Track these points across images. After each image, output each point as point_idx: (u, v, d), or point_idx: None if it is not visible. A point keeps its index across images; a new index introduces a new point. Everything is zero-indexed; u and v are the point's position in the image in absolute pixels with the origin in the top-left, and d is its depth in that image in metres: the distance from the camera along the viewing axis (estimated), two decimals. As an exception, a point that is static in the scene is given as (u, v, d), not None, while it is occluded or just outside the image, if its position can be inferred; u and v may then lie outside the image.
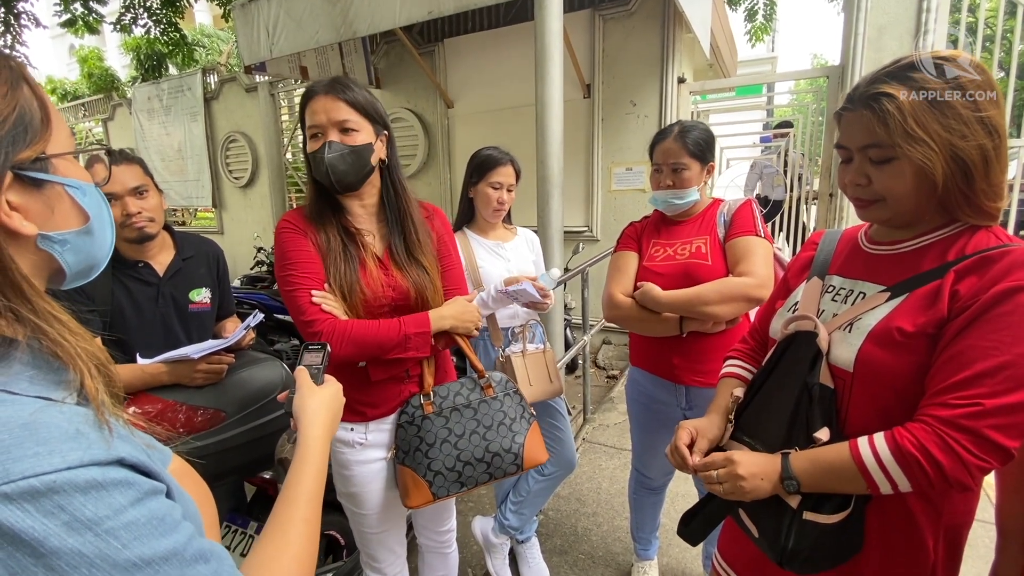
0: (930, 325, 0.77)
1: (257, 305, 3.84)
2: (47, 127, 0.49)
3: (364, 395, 1.24)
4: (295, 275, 1.16)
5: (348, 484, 1.29)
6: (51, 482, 0.38)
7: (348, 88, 1.15)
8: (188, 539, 0.45)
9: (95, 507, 0.39)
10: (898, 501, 0.82)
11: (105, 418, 0.44)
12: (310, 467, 0.69)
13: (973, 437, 0.70)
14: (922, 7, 3.42)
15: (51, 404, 0.43)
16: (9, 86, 0.46)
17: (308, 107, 1.16)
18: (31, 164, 0.47)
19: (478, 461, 1.21)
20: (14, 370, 0.44)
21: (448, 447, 1.20)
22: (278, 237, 1.20)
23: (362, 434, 1.26)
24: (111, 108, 8.11)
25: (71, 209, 0.51)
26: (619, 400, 3.58)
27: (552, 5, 2.20)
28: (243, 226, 6.89)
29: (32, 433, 0.39)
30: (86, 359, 0.47)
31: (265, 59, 3.53)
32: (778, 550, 0.84)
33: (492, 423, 1.25)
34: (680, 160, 1.52)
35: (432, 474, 1.18)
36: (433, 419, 1.22)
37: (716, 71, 6.92)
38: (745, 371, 1.11)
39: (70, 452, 0.40)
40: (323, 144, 1.13)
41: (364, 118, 1.17)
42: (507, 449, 1.24)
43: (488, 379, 1.30)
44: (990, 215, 0.80)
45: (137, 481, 0.43)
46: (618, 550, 2.17)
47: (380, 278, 1.21)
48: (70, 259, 0.51)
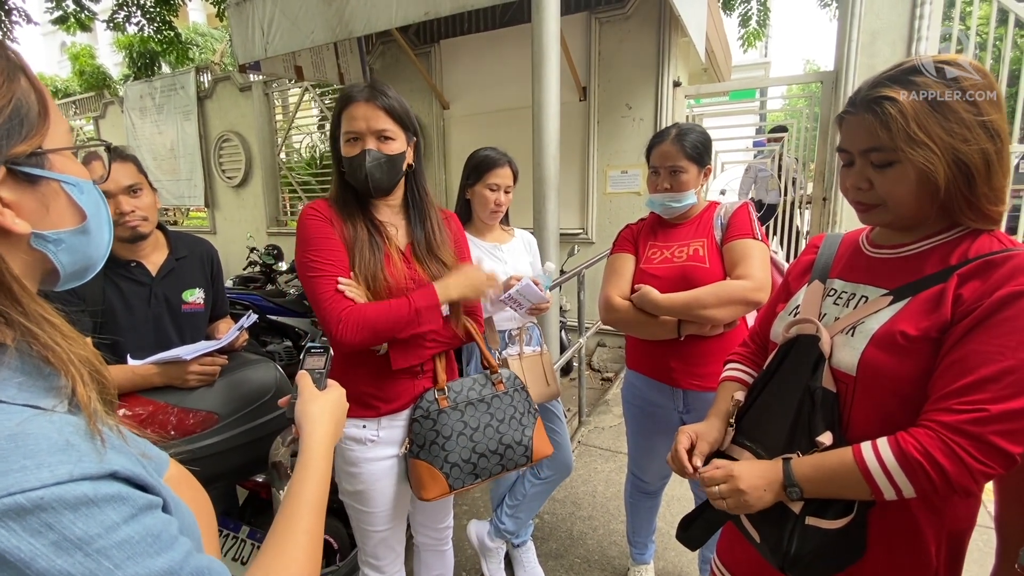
0: (933, 329, 0.76)
1: (250, 306, 3.80)
2: (44, 121, 0.47)
3: (378, 389, 1.26)
4: (319, 261, 1.18)
5: (355, 482, 1.29)
6: (38, 499, 0.36)
7: (386, 95, 1.20)
8: (185, 556, 0.42)
9: (85, 525, 0.37)
10: (901, 507, 0.81)
11: (98, 428, 0.42)
12: (313, 474, 0.67)
13: (978, 443, 0.69)
14: (915, 14, 3.45)
15: (40, 413, 0.41)
16: (5, 77, 0.44)
17: (347, 112, 1.19)
18: (26, 159, 0.45)
19: (492, 453, 1.27)
20: (2, 376, 0.41)
21: (464, 440, 1.24)
22: (304, 223, 1.22)
23: (374, 431, 1.27)
24: (103, 106, 8.04)
25: (67, 207, 0.49)
26: (614, 403, 3.58)
27: (549, 7, 2.20)
28: (236, 226, 6.84)
29: (19, 445, 0.37)
30: (79, 365, 0.45)
31: (260, 58, 3.50)
32: (780, 555, 0.83)
33: (504, 417, 1.31)
34: (678, 163, 1.52)
35: (449, 466, 1.22)
36: (449, 413, 1.25)
37: (711, 75, 6.96)
38: (746, 375, 1.10)
39: (59, 466, 0.38)
40: (362, 151, 1.18)
41: (399, 126, 1.22)
42: (518, 442, 1.30)
43: (500, 375, 1.35)
44: (992, 219, 0.79)
45: (131, 496, 0.41)
46: (614, 554, 2.16)
47: (403, 270, 1.25)
48: (65, 259, 0.49)
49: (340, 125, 1.22)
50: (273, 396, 1.47)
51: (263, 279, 4.80)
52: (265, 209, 6.53)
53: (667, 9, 3.88)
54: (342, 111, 1.21)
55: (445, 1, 2.57)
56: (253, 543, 1.62)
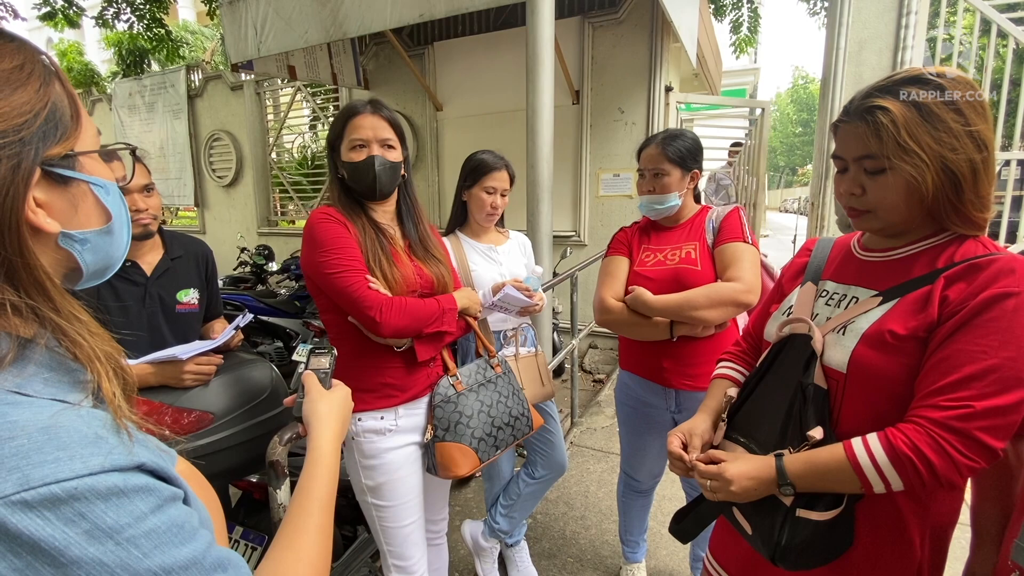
0: (921, 329, 0.79)
1: (241, 306, 3.77)
2: (77, 124, 0.48)
3: (396, 379, 1.33)
4: (342, 259, 1.23)
5: (376, 475, 1.32)
6: (72, 489, 0.37)
7: (387, 109, 1.33)
8: (207, 547, 0.44)
9: (116, 515, 0.38)
10: (887, 500, 0.84)
11: (123, 422, 0.43)
12: (323, 471, 0.68)
13: (963, 438, 0.72)
14: (901, 23, 3.53)
15: (69, 407, 0.42)
16: (42, 81, 0.46)
17: (353, 122, 1.29)
18: (60, 161, 0.46)
19: (506, 425, 1.43)
20: (28, 371, 0.42)
21: (484, 416, 1.38)
22: (316, 227, 1.27)
23: (392, 420, 1.34)
24: (90, 103, 7.94)
25: (94, 208, 0.51)
26: (606, 404, 3.61)
27: (543, 11, 2.22)
28: (226, 226, 6.79)
29: (52, 437, 0.38)
30: (105, 361, 0.46)
31: (252, 58, 3.49)
32: (771, 546, 0.86)
33: (508, 393, 1.47)
34: (660, 166, 1.56)
35: (476, 441, 1.35)
36: (467, 395, 1.38)
37: (702, 81, 7.03)
38: (738, 373, 1.13)
39: (91, 457, 0.39)
40: (370, 156, 1.27)
41: (398, 138, 1.33)
42: (522, 413, 1.48)
43: (496, 359, 1.50)
44: (978, 225, 0.83)
45: (157, 487, 0.42)
46: (606, 553, 2.18)
47: (411, 266, 1.35)
48: (89, 259, 0.50)
49: (343, 135, 1.30)
50: (269, 395, 1.47)
51: (254, 279, 4.77)
52: (256, 209, 6.49)
53: (659, 15, 3.93)
54: (347, 122, 1.30)
55: (440, 3, 2.58)
56: (247, 544, 1.62)
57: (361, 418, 1.31)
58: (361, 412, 1.31)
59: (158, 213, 1.52)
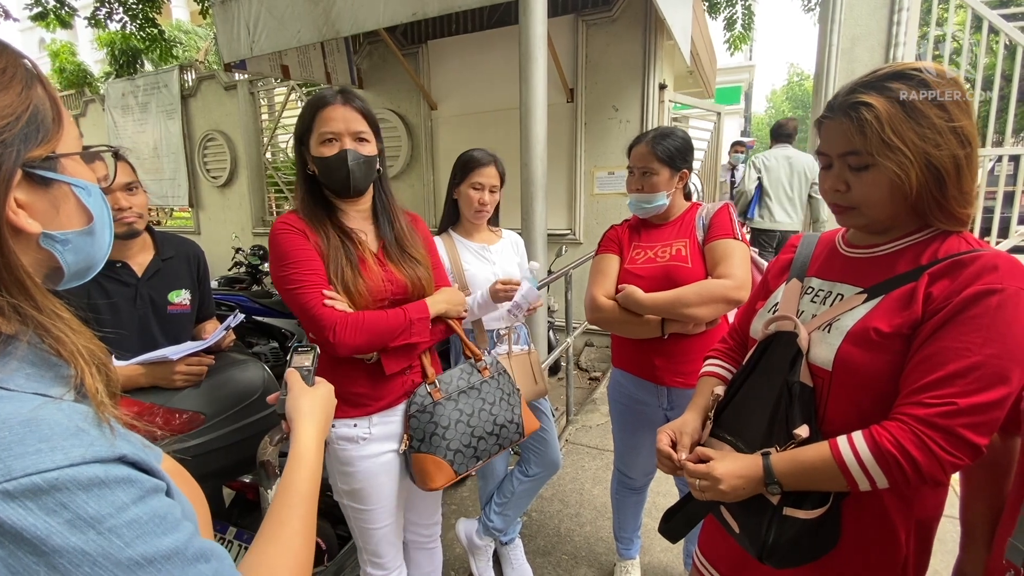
0: (905, 326, 0.79)
1: (235, 306, 3.76)
2: (59, 126, 0.49)
3: (368, 389, 1.28)
4: (297, 273, 1.18)
5: (351, 481, 1.30)
6: (54, 479, 0.38)
7: (359, 99, 1.23)
8: (189, 538, 0.44)
9: (98, 505, 0.39)
10: (872, 497, 0.84)
11: (106, 416, 0.44)
12: (306, 466, 0.69)
13: (947, 435, 0.73)
14: (893, 20, 3.54)
15: (50, 401, 0.42)
16: (24, 85, 0.47)
17: (322, 114, 1.20)
18: (41, 163, 0.47)
19: (489, 434, 1.33)
20: (11, 366, 0.43)
21: (462, 427, 1.29)
22: (276, 239, 1.21)
23: (366, 428, 1.29)
24: (83, 104, 7.89)
25: (76, 209, 0.51)
26: (601, 402, 3.61)
27: (536, 9, 2.21)
28: (221, 226, 6.76)
29: (33, 430, 0.39)
30: (87, 357, 0.47)
31: (245, 57, 3.47)
32: (759, 545, 0.86)
33: (495, 399, 1.37)
34: (648, 165, 1.56)
35: (452, 453, 1.27)
36: (444, 404, 1.29)
37: (696, 78, 7.03)
38: (725, 370, 1.13)
39: (72, 449, 0.39)
40: (342, 150, 1.19)
41: (371, 130, 1.25)
42: (510, 420, 1.38)
43: (484, 362, 1.42)
44: (961, 221, 0.83)
45: (139, 479, 0.43)
46: (601, 550, 2.18)
47: (379, 273, 1.26)
48: (70, 259, 0.51)
49: (312, 129, 1.21)
50: (260, 396, 1.47)
51: (249, 280, 4.75)
52: (251, 209, 6.46)
53: (653, 12, 3.93)
54: (315, 114, 1.20)
55: (433, 1, 2.57)
56: (240, 544, 1.62)
57: (335, 425, 1.28)
58: (335, 419, 1.29)
59: (143, 211, 1.50)
